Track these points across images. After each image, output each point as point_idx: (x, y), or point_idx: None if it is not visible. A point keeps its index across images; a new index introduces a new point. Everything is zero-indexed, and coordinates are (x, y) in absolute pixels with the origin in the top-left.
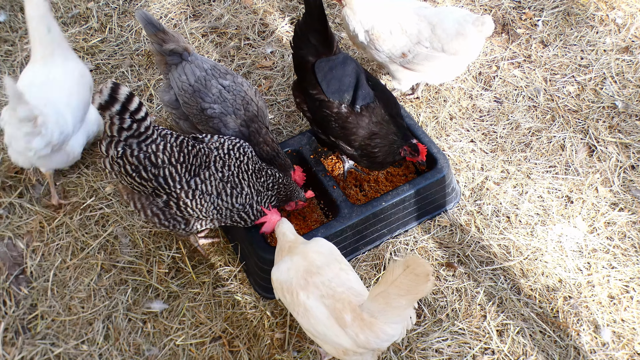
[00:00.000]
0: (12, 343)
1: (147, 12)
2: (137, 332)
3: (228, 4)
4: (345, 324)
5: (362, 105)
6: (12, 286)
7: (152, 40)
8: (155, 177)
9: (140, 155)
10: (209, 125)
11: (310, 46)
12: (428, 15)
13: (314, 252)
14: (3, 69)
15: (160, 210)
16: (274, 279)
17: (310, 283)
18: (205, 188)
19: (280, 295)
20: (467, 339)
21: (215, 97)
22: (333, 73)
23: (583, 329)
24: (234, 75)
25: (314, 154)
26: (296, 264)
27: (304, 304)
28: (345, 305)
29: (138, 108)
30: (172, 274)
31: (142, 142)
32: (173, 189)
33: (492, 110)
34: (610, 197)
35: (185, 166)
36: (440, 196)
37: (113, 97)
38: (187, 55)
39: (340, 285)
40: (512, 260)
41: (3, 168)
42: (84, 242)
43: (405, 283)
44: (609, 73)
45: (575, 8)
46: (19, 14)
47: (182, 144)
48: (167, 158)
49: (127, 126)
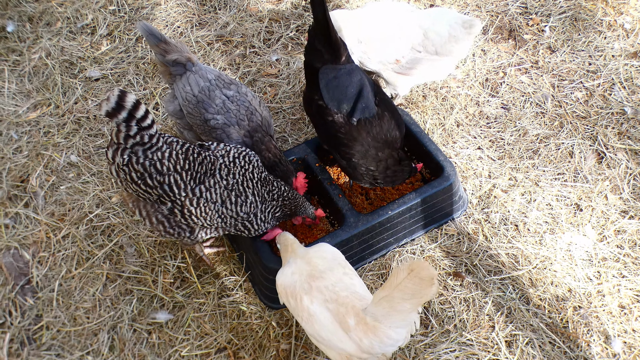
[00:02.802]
0: (17, 354)
1: (148, 24)
2: (142, 342)
3: (234, 12)
4: (348, 328)
5: (360, 118)
6: (18, 296)
7: (154, 51)
8: (161, 184)
9: (146, 162)
10: (212, 135)
11: (316, 52)
12: (419, 19)
13: (317, 257)
14: (11, 78)
15: (165, 217)
16: (278, 283)
17: (313, 287)
18: (210, 196)
19: (285, 300)
20: (476, 350)
21: (219, 107)
22: (337, 81)
23: (593, 339)
24: (238, 85)
25: (320, 162)
26: (300, 268)
27: (308, 308)
28: (349, 309)
29: (144, 116)
30: (177, 284)
31: (147, 149)
32: (178, 197)
33: (499, 116)
34: (620, 205)
35: (190, 174)
36: (447, 204)
37: (120, 104)
38: (190, 66)
39: (343, 290)
40: (520, 270)
41: (9, 178)
42: (90, 252)
43: (409, 287)
44: (618, 79)
45: (583, 13)
46: (27, 24)
47: (187, 151)
48: (172, 165)
49: (134, 133)
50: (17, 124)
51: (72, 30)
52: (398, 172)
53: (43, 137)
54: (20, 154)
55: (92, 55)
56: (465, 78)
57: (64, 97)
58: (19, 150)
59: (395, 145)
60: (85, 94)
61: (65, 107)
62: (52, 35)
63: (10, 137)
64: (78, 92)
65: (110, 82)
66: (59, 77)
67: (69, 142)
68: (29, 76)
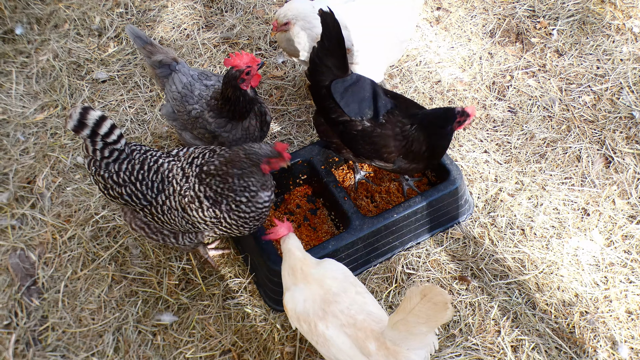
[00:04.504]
0: (22, 355)
1: (135, 27)
2: (147, 344)
3: (240, 15)
4: (369, 353)
5: (383, 114)
6: (24, 297)
7: (142, 53)
8: (120, 195)
9: (105, 174)
10: (198, 126)
11: (327, 71)
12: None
13: (329, 278)
14: (19, 80)
15: (144, 224)
16: (288, 307)
17: (328, 313)
18: (170, 203)
19: (297, 324)
20: (481, 354)
21: (197, 97)
22: (349, 92)
23: (600, 345)
24: (220, 77)
25: (325, 165)
26: (313, 294)
27: (324, 334)
28: (368, 333)
29: (109, 132)
30: (182, 286)
31: (112, 162)
32: (141, 205)
33: (506, 120)
34: (627, 210)
35: (145, 184)
36: (453, 208)
37: (82, 122)
38: (175, 66)
39: (359, 313)
40: (527, 274)
41: (16, 179)
42: (95, 254)
43: (423, 311)
44: (626, 83)
45: (591, 17)
46: (35, 26)
47: (144, 161)
48: (127, 177)
49: (100, 148)
50: (24, 125)
51: (79, 32)
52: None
53: (50, 138)
54: (27, 156)
55: (99, 57)
56: (472, 81)
57: (71, 99)
58: (26, 151)
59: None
60: (92, 96)
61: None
62: (60, 37)
63: (18, 138)
64: (85, 93)
65: (117, 84)
66: (66, 78)
67: (75, 144)
68: (36, 78)
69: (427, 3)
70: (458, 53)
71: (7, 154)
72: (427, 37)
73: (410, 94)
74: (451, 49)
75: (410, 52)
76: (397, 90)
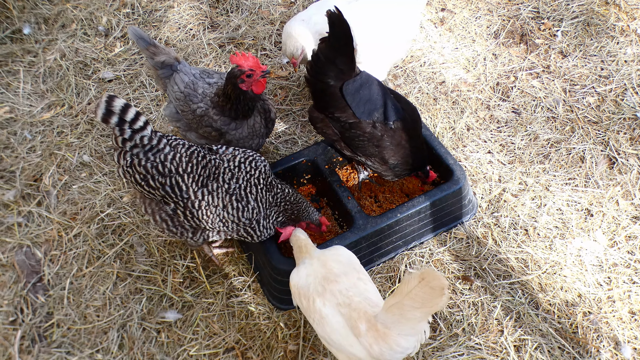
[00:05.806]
0: (28, 351)
1: (138, 29)
2: (151, 341)
3: (245, 15)
4: (359, 334)
5: (394, 120)
6: (30, 294)
7: (144, 54)
8: (163, 185)
9: (148, 164)
10: (203, 124)
11: (335, 70)
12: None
13: (333, 260)
14: (26, 79)
15: (168, 216)
16: (292, 283)
17: (327, 290)
18: (212, 199)
19: (297, 300)
20: (484, 354)
21: (201, 96)
22: (360, 94)
23: (603, 345)
24: (222, 74)
25: (329, 164)
26: (315, 271)
27: (320, 311)
28: (361, 314)
29: (135, 118)
30: (186, 284)
31: (148, 151)
32: (180, 198)
33: (510, 121)
34: (631, 210)
35: (192, 176)
36: (456, 208)
37: (109, 109)
38: (176, 66)
39: (357, 295)
40: (530, 274)
41: (23, 177)
42: (100, 251)
43: (420, 295)
44: (630, 84)
45: (596, 18)
46: (42, 26)
47: (192, 154)
48: (174, 168)
49: (129, 137)
50: (31, 124)
51: (86, 32)
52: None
53: (56, 137)
54: (34, 154)
55: (106, 56)
56: (476, 82)
57: (78, 98)
58: (33, 149)
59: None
60: (99, 95)
61: (79, 108)
62: (67, 37)
63: (25, 137)
64: (91, 93)
65: (123, 84)
66: (73, 78)
67: (81, 142)
68: (43, 77)
69: (431, 4)
70: (462, 54)
71: (15, 152)
72: (432, 38)
73: (414, 94)
74: (455, 50)
75: (415, 52)
76: (400, 90)
